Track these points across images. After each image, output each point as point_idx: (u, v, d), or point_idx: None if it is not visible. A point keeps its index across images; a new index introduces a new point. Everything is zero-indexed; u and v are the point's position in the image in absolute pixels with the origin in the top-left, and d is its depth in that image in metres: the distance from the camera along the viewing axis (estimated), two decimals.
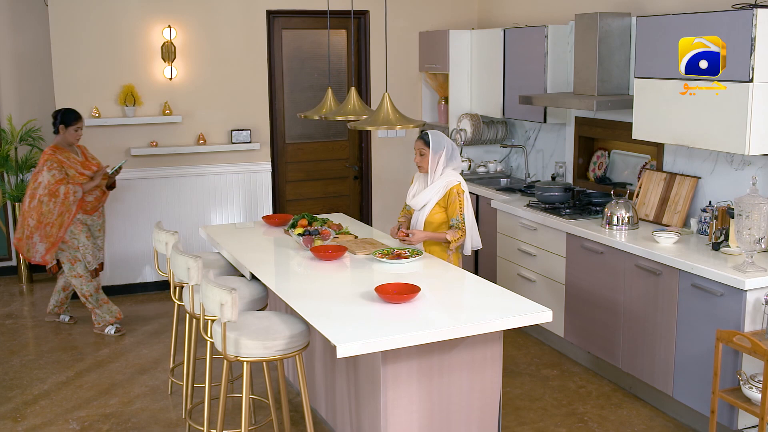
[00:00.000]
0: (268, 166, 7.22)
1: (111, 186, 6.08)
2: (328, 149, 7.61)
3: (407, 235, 4.55)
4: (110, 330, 6.01)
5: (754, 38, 4.08)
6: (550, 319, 3.60)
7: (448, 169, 4.64)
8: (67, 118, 5.85)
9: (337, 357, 3.18)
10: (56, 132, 5.90)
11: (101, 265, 6.13)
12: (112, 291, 6.91)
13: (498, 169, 7.17)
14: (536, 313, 3.58)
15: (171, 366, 5.05)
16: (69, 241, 5.88)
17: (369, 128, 3.99)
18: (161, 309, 6.61)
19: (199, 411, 4.67)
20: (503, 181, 6.92)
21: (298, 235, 4.66)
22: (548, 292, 5.51)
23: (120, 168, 6.02)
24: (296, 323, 3.71)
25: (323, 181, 7.63)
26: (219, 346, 3.62)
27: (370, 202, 7.71)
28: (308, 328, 3.72)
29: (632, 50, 5.33)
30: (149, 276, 7.03)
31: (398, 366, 3.56)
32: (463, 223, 4.57)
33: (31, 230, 5.84)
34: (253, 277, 4.39)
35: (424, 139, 4.64)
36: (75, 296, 6.51)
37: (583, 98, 5.34)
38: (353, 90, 4.59)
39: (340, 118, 4.47)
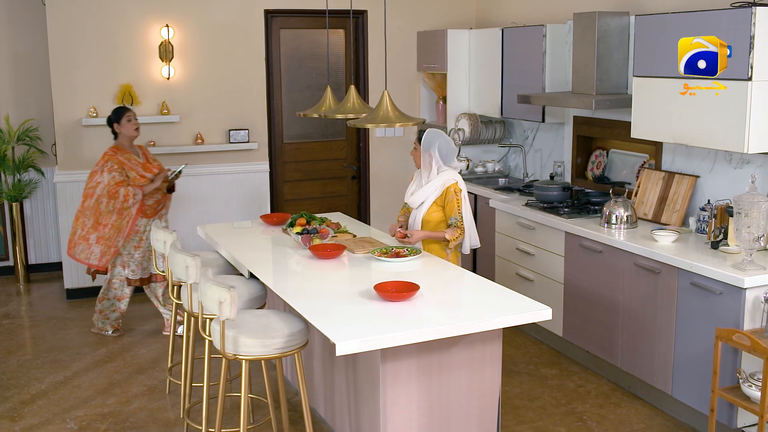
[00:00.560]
0: (266, 166, 7.21)
1: (171, 189, 5.95)
2: (326, 149, 7.60)
3: (406, 236, 4.53)
4: (108, 330, 5.99)
5: (753, 36, 4.07)
6: (550, 317, 3.59)
7: (445, 167, 4.64)
8: (116, 114, 5.74)
9: (336, 355, 3.17)
10: (115, 136, 5.79)
11: (157, 275, 5.93)
12: None
13: (496, 168, 7.17)
14: (536, 311, 3.57)
15: (169, 365, 5.03)
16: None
17: (368, 126, 3.98)
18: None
19: (198, 411, 4.66)
20: (501, 181, 6.91)
21: (297, 233, 4.65)
22: (547, 291, 5.51)
23: (180, 172, 5.89)
24: (295, 321, 3.70)
25: (321, 181, 7.62)
26: (218, 345, 3.60)
27: (368, 202, 7.70)
28: (307, 326, 3.71)
29: (631, 49, 5.32)
30: None
31: (397, 364, 3.54)
32: (462, 221, 4.57)
33: (88, 230, 5.68)
34: (252, 276, 4.38)
35: (418, 135, 4.67)
36: (139, 290, 6.42)
37: (582, 97, 5.33)
38: (352, 88, 4.58)
39: (339, 116, 4.46)
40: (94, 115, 6.63)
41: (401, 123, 3.93)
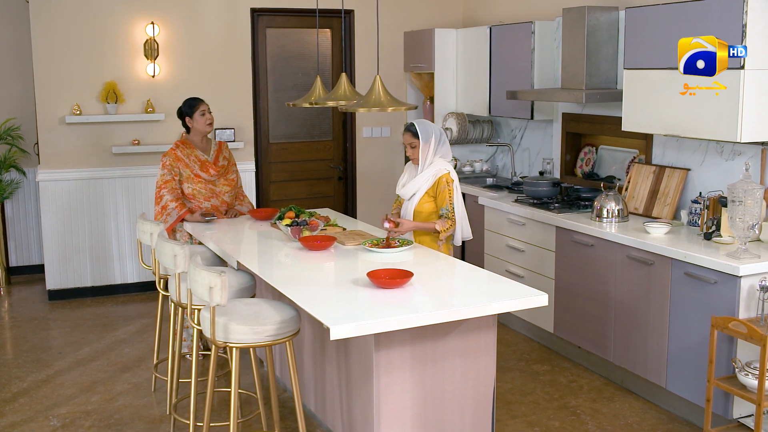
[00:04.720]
0: (252, 166, 7.12)
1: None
2: (313, 149, 7.54)
3: (396, 225, 4.46)
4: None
5: (745, 25, 4.07)
6: (546, 303, 3.53)
7: (437, 157, 4.57)
8: (188, 106, 5.24)
9: (330, 339, 3.09)
10: (188, 129, 5.30)
11: None
12: (93, 292, 6.78)
13: (484, 168, 7.13)
14: (531, 297, 3.51)
15: (155, 362, 4.93)
16: None
17: (361, 110, 3.91)
18: (143, 309, 6.48)
19: (184, 407, 4.55)
20: (489, 180, 6.86)
21: (287, 225, 4.57)
22: (537, 287, 5.34)
23: (212, 219, 5.17)
24: (286, 309, 3.62)
25: (308, 181, 7.55)
26: (207, 332, 3.51)
27: (354, 203, 7.64)
28: (299, 314, 3.63)
29: (620, 44, 5.31)
30: (131, 277, 6.90)
31: (391, 352, 3.47)
32: (453, 212, 4.51)
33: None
34: (240, 268, 4.30)
35: (411, 131, 4.56)
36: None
37: (572, 91, 5.31)
38: (343, 76, 4.50)
39: (330, 103, 4.39)
40: (78, 113, 6.53)
41: (394, 107, 3.86)
